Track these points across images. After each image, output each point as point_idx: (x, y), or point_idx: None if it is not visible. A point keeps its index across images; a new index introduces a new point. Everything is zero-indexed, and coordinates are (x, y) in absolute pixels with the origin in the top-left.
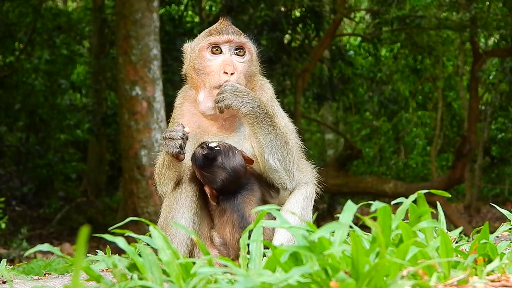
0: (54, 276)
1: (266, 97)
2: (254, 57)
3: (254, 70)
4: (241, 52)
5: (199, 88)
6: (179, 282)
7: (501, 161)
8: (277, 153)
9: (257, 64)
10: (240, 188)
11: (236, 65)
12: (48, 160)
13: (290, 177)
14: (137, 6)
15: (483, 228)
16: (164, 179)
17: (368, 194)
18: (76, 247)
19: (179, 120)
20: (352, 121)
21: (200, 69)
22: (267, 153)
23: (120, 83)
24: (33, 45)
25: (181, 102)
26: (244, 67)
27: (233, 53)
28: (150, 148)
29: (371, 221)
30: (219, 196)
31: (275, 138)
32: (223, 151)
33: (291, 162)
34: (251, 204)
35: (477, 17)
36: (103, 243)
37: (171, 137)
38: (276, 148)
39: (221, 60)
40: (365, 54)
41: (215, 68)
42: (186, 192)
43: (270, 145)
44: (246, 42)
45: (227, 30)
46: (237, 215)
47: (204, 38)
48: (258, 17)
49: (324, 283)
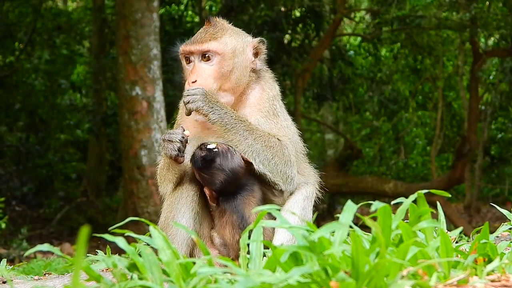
0: (54, 276)
1: (266, 96)
2: (227, 56)
3: (232, 68)
4: (209, 57)
5: None
6: (179, 282)
7: (501, 161)
8: (259, 157)
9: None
10: (239, 189)
11: (202, 71)
12: (48, 160)
13: (283, 179)
14: (137, 6)
15: (483, 228)
16: (164, 180)
17: (368, 194)
18: (76, 247)
19: (181, 122)
20: (352, 121)
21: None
22: (250, 158)
23: (120, 83)
24: (33, 45)
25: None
26: (213, 70)
27: (200, 60)
28: (150, 148)
29: (371, 221)
30: (218, 197)
31: (254, 142)
32: (222, 153)
33: (281, 164)
34: (250, 205)
35: (477, 17)
36: (103, 243)
37: (170, 140)
38: (257, 152)
39: (189, 69)
40: (365, 54)
41: (187, 77)
42: (187, 192)
43: (250, 150)
44: (211, 48)
45: (196, 38)
46: (237, 216)
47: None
48: (258, 17)
49: (324, 283)
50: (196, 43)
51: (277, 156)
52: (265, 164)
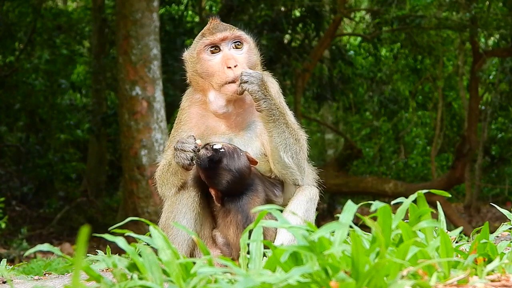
0: (54, 276)
1: (273, 92)
2: (252, 45)
3: (256, 58)
4: (240, 44)
5: (206, 90)
6: (179, 282)
7: (501, 161)
8: (291, 151)
9: (257, 52)
10: (244, 189)
11: (237, 57)
12: (48, 160)
13: (302, 173)
14: (137, 6)
15: (483, 228)
16: (167, 184)
17: (368, 194)
18: (76, 247)
19: (187, 122)
20: (352, 121)
21: (204, 71)
22: (281, 151)
23: (120, 83)
24: (33, 45)
25: (189, 105)
26: (245, 58)
27: (231, 48)
28: (150, 148)
29: (371, 221)
30: (223, 197)
31: (289, 135)
32: (228, 153)
33: (303, 159)
34: (255, 205)
35: (477, 17)
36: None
37: (183, 149)
38: (290, 145)
39: (221, 57)
40: (365, 54)
41: (217, 67)
42: (188, 193)
43: (284, 142)
44: (241, 34)
45: (220, 28)
46: (242, 216)
47: (200, 41)
48: (258, 17)
49: (324, 283)
50: (226, 30)
51: (302, 151)
52: (294, 157)
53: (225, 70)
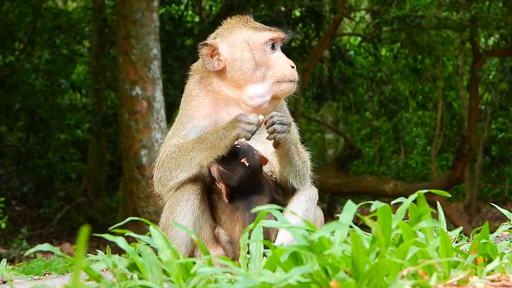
0: (54, 276)
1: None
2: None
3: None
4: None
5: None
6: (179, 282)
7: (501, 161)
8: (300, 175)
9: None
10: (253, 187)
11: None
12: (48, 160)
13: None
14: (137, 6)
15: (483, 228)
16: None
17: (368, 194)
18: (76, 247)
19: (200, 109)
20: (352, 121)
21: (263, 62)
22: (291, 178)
23: (120, 83)
24: (33, 45)
25: (198, 93)
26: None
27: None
28: (150, 148)
29: (371, 221)
30: (233, 194)
31: (298, 161)
32: (243, 149)
33: (307, 174)
34: (262, 204)
35: (477, 17)
36: (103, 243)
37: (249, 122)
38: (299, 171)
39: (281, 55)
40: (365, 54)
41: (281, 62)
42: (189, 194)
43: (295, 170)
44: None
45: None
46: (249, 214)
47: (262, 32)
48: (258, 17)
49: (324, 283)
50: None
51: (307, 171)
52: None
53: (289, 68)
